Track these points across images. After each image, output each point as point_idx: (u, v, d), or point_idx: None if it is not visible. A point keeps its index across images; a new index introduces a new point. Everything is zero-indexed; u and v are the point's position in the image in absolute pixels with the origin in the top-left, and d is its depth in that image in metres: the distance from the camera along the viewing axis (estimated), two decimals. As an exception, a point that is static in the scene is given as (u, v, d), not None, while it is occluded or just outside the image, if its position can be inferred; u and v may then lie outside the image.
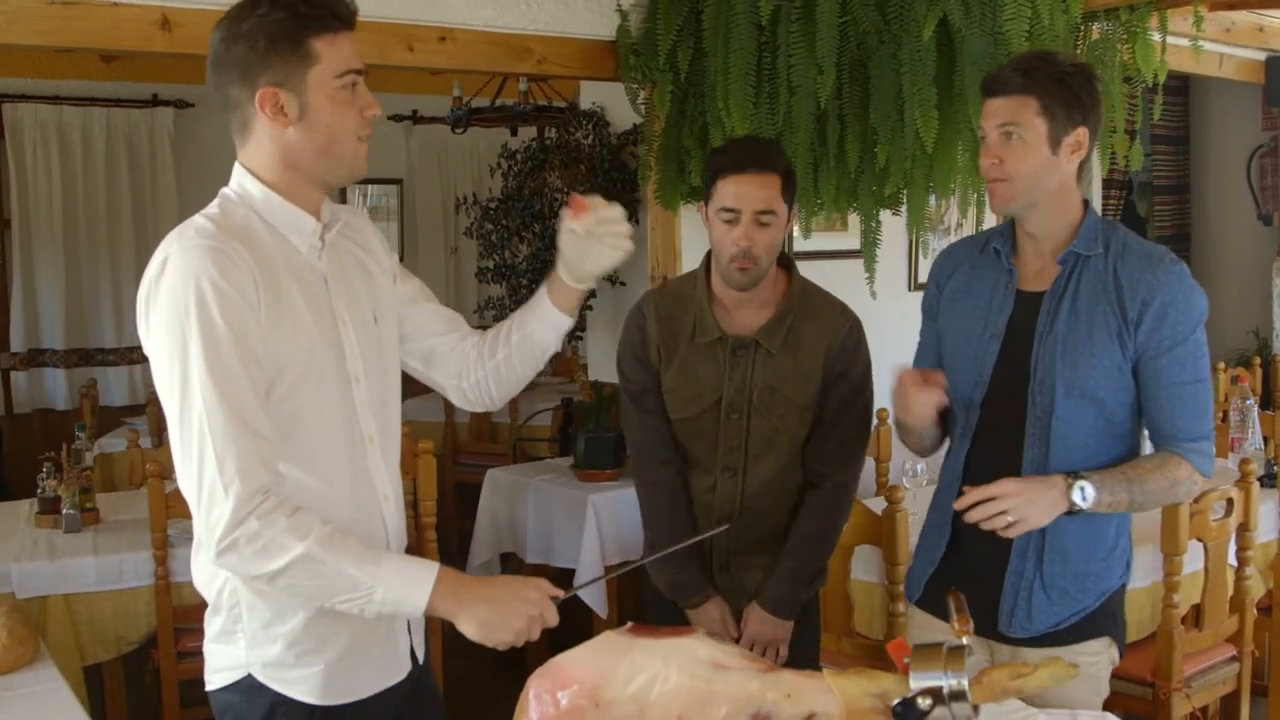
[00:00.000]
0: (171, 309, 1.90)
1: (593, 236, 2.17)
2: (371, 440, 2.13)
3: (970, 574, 2.58)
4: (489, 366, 2.31)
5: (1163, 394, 2.45)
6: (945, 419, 2.67)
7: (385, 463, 2.17)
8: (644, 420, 2.97)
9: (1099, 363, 2.45)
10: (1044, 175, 2.45)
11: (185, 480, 1.93)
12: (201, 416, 1.88)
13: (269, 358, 1.95)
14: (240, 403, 1.89)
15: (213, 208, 2.05)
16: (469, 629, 1.95)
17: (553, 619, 1.99)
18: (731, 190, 2.76)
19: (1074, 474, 2.37)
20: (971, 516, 2.34)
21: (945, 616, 2.61)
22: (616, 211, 2.18)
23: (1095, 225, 2.52)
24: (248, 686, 2.07)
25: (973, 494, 2.34)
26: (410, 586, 1.92)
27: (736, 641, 2.90)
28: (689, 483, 2.96)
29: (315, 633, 2.06)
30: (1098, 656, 2.59)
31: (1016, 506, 2.31)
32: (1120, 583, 2.63)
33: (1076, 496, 2.34)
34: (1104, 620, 2.59)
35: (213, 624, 2.11)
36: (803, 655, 2.99)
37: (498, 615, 1.95)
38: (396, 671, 2.19)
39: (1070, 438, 2.48)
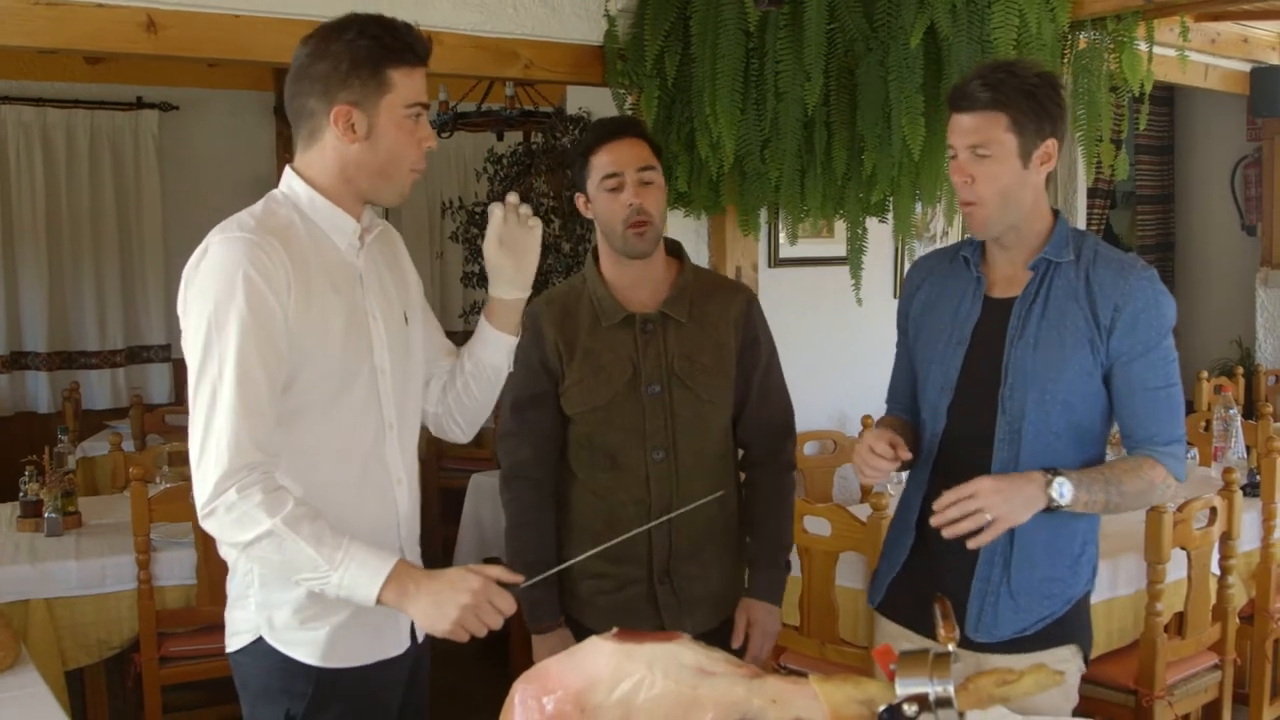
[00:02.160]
0: (206, 292, 2.06)
1: (522, 225, 2.40)
2: (391, 427, 2.28)
3: (935, 579, 2.58)
4: (450, 397, 2.48)
5: (1136, 399, 2.48)
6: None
7: (402, 448, 2.31)
8: (522, 432, 2.89)
9: (1070, 368, 2.47)
10: (1016, 191, 2.47)
11: (191, 444, 2.07)
12: (212, 391, 2.04)
13: (295, 348, 2.10)
14: (250, 387, 2.04)
15: (257, 206, 2.20)
16: (416, 620, 2.11)
17: (505, 606, 2.07)
18: (608, 158, 2.77)
19: (1052, 470, 2.38)
20: (951, 520, 2.33)
21: (906, 622, 2.66)
22: (513, 198, 2.42)
23: (1065, 232, 2.55)
24: (257, 650, 2.20)
25: (948, 495, 2.34)
26: (364, 578, 2.04)
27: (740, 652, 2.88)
28: (607, 485, 2.87)
29: (319, 599, 2.15)
30: (1066, 664, 2.58)
31: (994, 504, 2.30)
32: (1086, 590, 2.63)
33: (1055, 493, 2.34)
34: (1071, 627, 2.60)
35: (231, 587, 2.25)
36: None
37: (436, 608, 2.04)
38: (396, 644, 2.31)
39: (1040, 441, 2.49)
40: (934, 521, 2.37)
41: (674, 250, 2.95)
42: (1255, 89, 7.30)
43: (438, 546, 6.77)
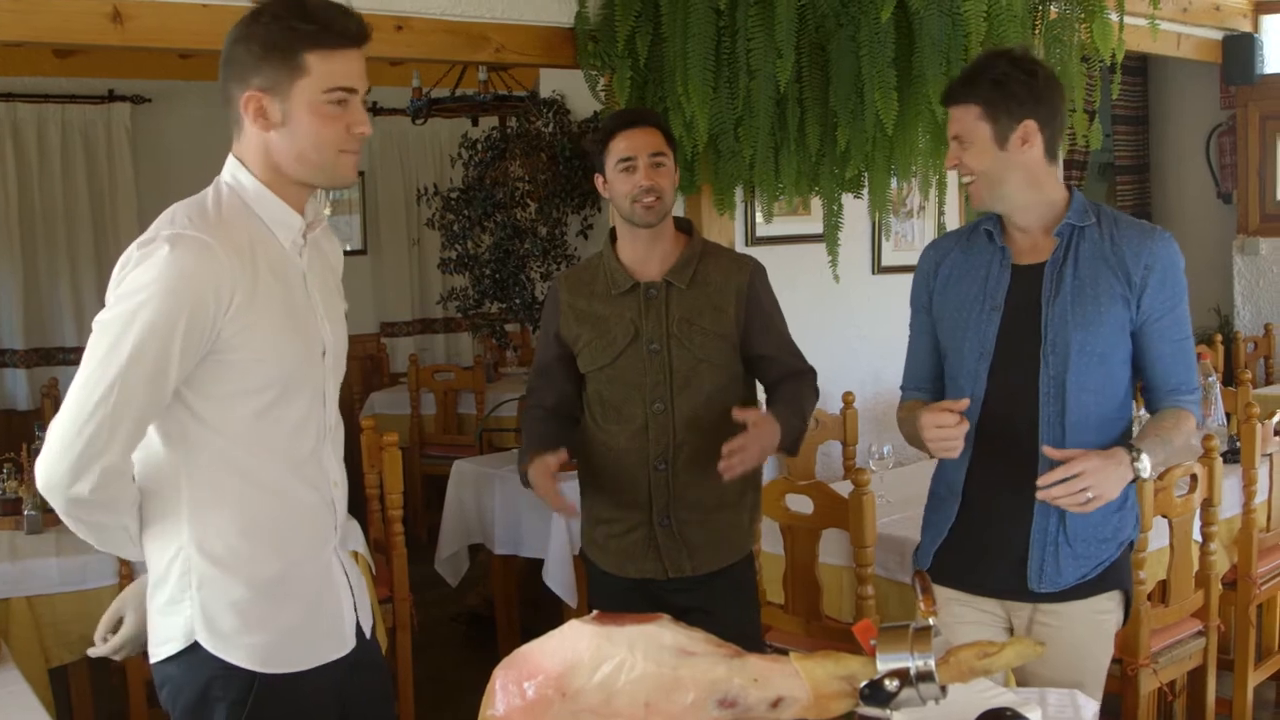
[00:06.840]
0: (131, 296, 2.00)
1: None
2: (329, 429, 2.24)
3: (989, 538, 2.76)
4: None
5: (1167, 351, 2.69)
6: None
7: (336, 450, 2.29)
8: (541, 387, 3.25)
9: (1106, 323, 2.65)
10: (999, 170, 2.68)
11: (59, 418, 2.02)
12: (93, 397, 1.99)
13: (237, 354, 2.06)
14: (126, 409, 2.00)
15: (206, 195, 2.15)
16: None
17: None
18: (624, 144, 3.06)
19: (1133, 448, 2.54)
20: (1054, 494, 2.49)
21: (957, 585, 2.79)
22: None
23: (1083, 201, 2.73)
24: (189, 658, 2.11)
25: (1055, 474, 2.49)
26: None
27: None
28: (614, 435, 3.13)
29: (265, 601, 2.13)
30: (1110, 613, 2.77)
31: (1097, 483, 2.47)
32: (1132, 537, 2.81)
33: (1140, 468, 2.53)
34: (1121, 573, 2.77)
35: (159, 595, 2.15)
36: (745, 627, 3.13)
37: None
38: (339, 646, 2.25)
39: (1083, 394, 2.67)
40: (1040, 496, 2.52)
41: (684, 227, 3.22)
42: (1228, 57, 7.32)
43: (422, 533, 6.78)
